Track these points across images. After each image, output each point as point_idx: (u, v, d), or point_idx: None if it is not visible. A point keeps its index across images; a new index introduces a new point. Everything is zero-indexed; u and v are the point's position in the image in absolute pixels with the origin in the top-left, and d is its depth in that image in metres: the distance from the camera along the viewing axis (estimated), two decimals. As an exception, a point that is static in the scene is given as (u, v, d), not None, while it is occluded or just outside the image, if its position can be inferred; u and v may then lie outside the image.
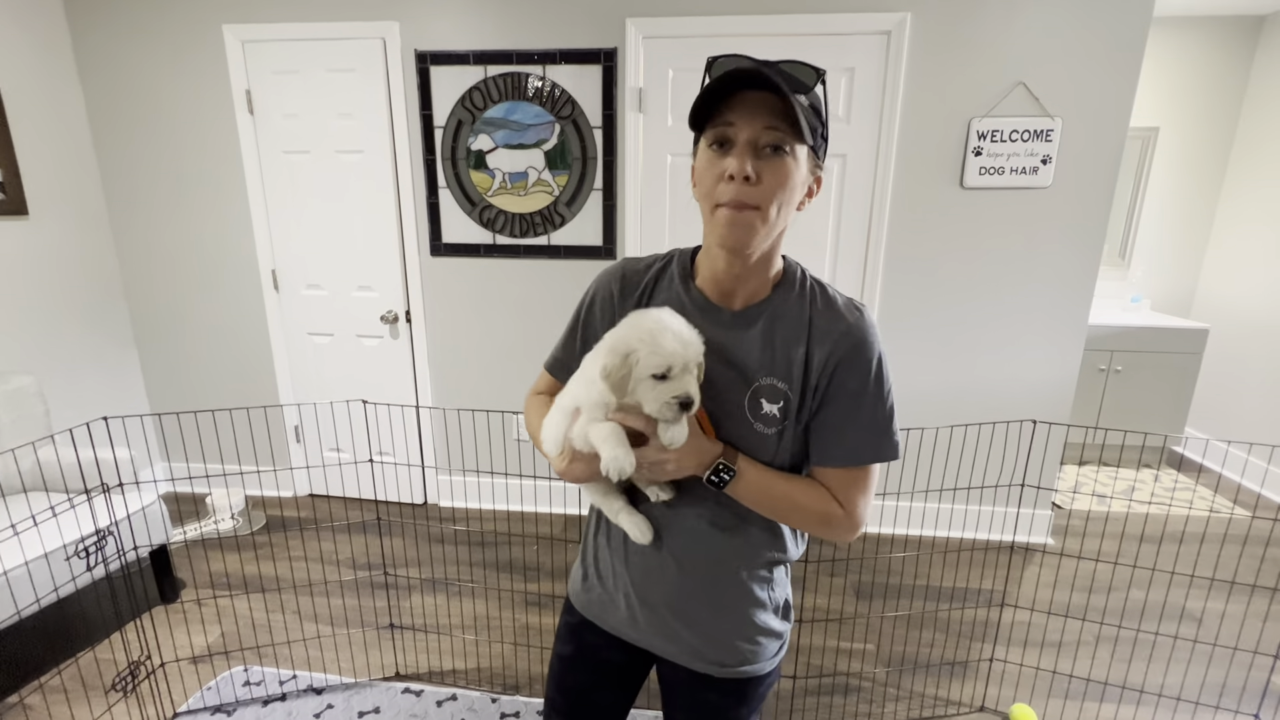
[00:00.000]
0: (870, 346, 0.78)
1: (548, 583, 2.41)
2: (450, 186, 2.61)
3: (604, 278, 0.90)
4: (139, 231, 2.82)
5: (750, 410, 0.79)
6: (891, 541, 2.69)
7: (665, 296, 0.85)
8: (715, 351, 0.79)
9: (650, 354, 0.72)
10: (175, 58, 2.59)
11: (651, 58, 2.41)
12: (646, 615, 0.89)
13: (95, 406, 2.76)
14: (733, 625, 0.87)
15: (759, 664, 0.89)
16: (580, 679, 0.99)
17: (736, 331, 0.80)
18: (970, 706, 1.83)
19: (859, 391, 0.78)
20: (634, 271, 0.88)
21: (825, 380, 0.78)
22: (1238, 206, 3.40)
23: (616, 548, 0.91)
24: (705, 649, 0.88)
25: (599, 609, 0.95)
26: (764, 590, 0.88)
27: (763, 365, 0.79)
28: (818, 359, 0.78)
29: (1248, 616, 2.13)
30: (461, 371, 2.83)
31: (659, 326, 0.73)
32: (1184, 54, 3.32)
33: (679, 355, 0.72)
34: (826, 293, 0.81)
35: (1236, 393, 3.36)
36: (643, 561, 0.88)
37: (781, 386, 0.78)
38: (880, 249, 2.48)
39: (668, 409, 0.72)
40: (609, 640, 0.95)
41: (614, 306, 0.87)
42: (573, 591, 1.00)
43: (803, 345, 0.78)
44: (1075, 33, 2.23)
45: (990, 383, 2.57)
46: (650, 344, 0.72)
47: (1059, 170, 2.35)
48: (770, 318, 0.80)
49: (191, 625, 2.10)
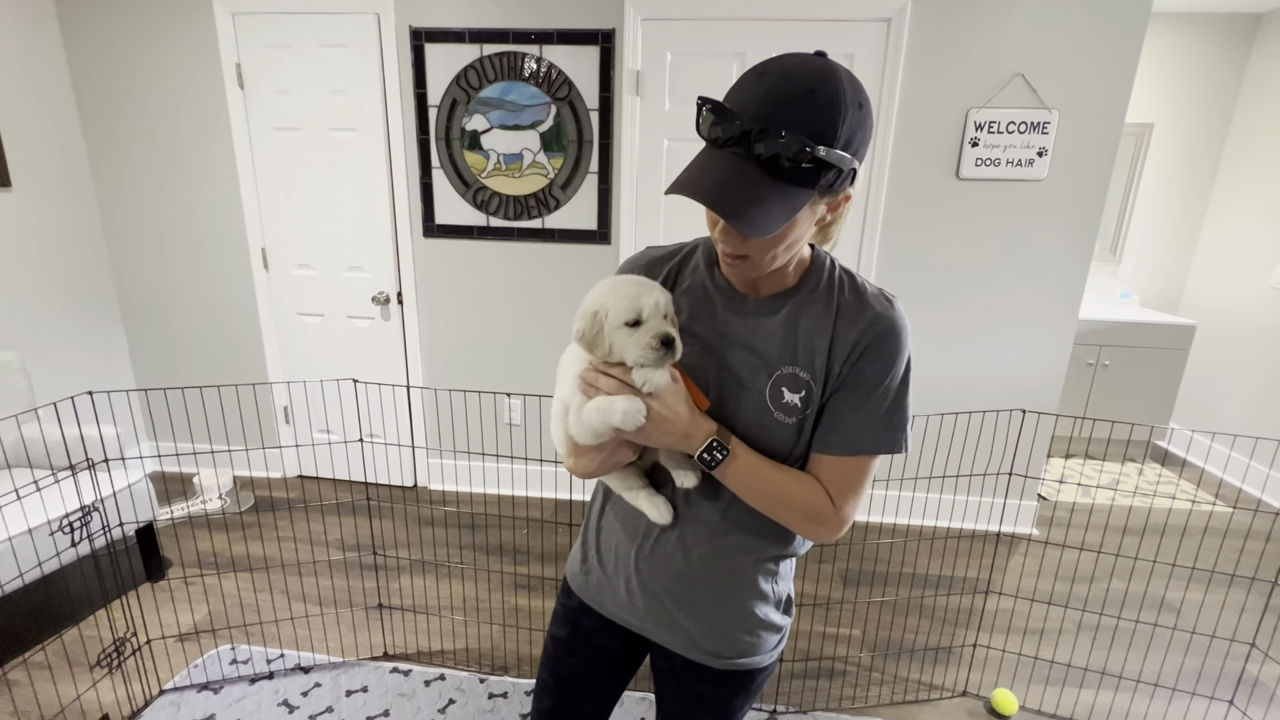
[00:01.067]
0: (897, 339, 0.75)
1: (537, 566, 2.41)
2: (444, 167, 2.58)
3: (627, 266, 0.89)
4: (126, 206, 2.77)
5: (772, 399, 0.77)
6: (880, 529, 2.72)
7: (690, 282, 0.84)
8: (738, 339, 0.78)
9: (617, 302, 0.74)
10: (164, 29, 2.53)
11: (650, 40, 2.38)
12: (646, 601, 0.88)
13: (80, 384, 2.73)
14: (734, 617, 0.86)
15: (757, 656, 0.88)
16: (573, 663, 0.98)
17: (760, 319, 0.79)
18: (953, 691, 1.86)
19: (875, 382, 0.75)
20: (657, 259, 0.87)
21: (848, 368, 0.75)
22: (1228, 206, 3.42)
23: (623, 531, 0.89)
24: (704, 639, 0.87)
25: (597, 593, 0.93)
26: (768, 583, 0.87)
27: (785, 353, 0.77)
28: (842, 346, 0.75)
29: (1225, 606, 2.17)
30: (453, 354, 2.81)
31: (619, 279, 0.77)
32: (1180, 50, 3.33)
33: (646, 298, 0.74)
34: (855, 282, 0.79)
35: (1221, 389, 3.40)
36: (650, 547, 0.87)
37: (804, 376, 0.76)
38: (875, 236, 2.48)
39: (650, 351, 0.73)
40: (605, 626, 0.94)
41: None
42: (570, 574, 0.99)
43: (828, 334, 0.76)
44: (1074, 25, 2.22)
45: (980, 374, 2.59)
46: (614, 294, 0.75)
47: (1055, 163, 2.35)
48: (796, 306, 0.78)
49: (178, 603, 2.09)
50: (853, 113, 0.64)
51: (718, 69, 2.35)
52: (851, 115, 0.64)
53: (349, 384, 2.59)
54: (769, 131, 0.62)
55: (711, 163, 0.66)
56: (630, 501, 0.87)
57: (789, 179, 0.64)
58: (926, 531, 2.68)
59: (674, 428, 0.75)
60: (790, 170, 0.63)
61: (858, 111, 0.64)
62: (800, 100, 0.62)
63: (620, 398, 0.74)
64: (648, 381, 0.74)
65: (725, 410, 0.79)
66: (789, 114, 0.62)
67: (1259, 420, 3.16)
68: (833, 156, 0.63)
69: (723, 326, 0.80)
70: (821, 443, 0.78)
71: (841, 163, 0.64)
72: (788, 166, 0.63)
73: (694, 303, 0.82)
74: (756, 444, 0.78)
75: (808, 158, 0.62)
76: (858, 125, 0.65)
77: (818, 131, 0.62)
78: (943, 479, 2.11)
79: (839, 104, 0.63)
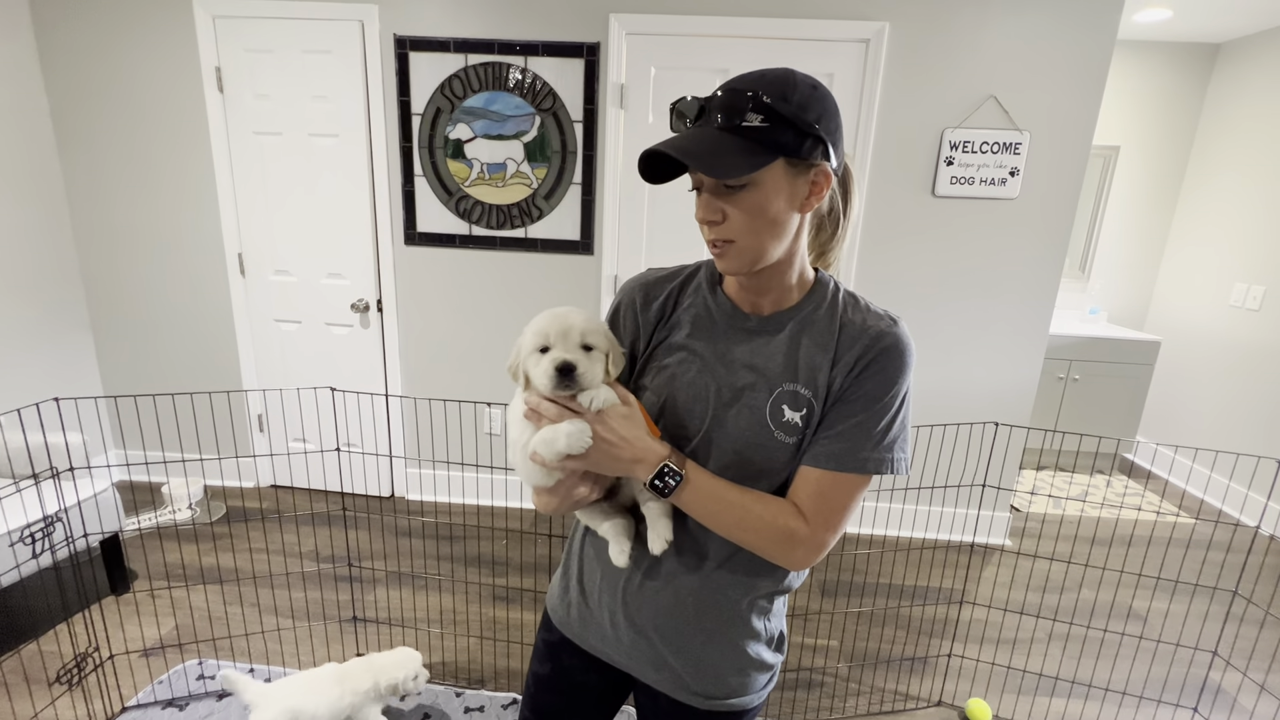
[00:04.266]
0: (901, 356, 0.73)
1: (516, 577, 2.39)
2: (426, 175, 2.57)
3: (628, 287, 0.88)
4: (98, 208, 2.71)
5: (772, 417, 0.75)
6: (856, 540, 2.75)
7: (691, 302, 0.83)
8: (739, 357, 0.78)
9: (528, 331, 0.78)
10: (142, 31, 2.50)
11: (634, 54, 2.41)
12: (633, 638, 0.84)
13: (44, 389, 2.65)
14: (724, 656, 0.83)
15: (746, 697, 0.85)
16: (554, 700, 0.95)
17: (763, 337, 0.78)
18: (929, 701, 1.88)
19: (874, 397, 0.73)
20: (657, 281, 0.86)
21: (849, 381, 0.74)
22: (1190, 226, 3.56)
23: (608, 563, 0.84)
24: (692, 680, 0.83)
25: (579, 626, 0.90)
26: (760, 620, 0.84)
27: (787, 371, 0.76)
28: (845, 362, 0.74)
29: (1189, 616, 2.23)
30: (433, 363, 2.79)
31: (552, 310, 0.78)
32: (1145, 77, 3.46)
33: (554, 326, 0.75)
34: (860, 302, 0.79)
35: (1184, 404, 3.51)
36: (639, 580, 0.83)
37: (805, 393, 0.75)
38: (855, 249, 2.53)
39: (547, 378, 0.74)
40: (587, 662, 0.91)
41: (636, 316, 0.85)
42: (551, 606, 0.95)
43: (830, 351, 0.75)
44: (1044, 51, 2.30)
45: (954, 387, 2.64)
46: (534, 324, 0.78)
47: (1026, 183, 2.42)
48: (799, 324, 0.78)
49: (144, 617, 2.03)
50: (806, 89, 0.69)
51: (701, 84, 2.39)
52: (805, 88, 0.68)
53: (326, 392, 2.55)
54: (723, 94, 0.68)
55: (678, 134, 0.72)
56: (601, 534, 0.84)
57: (749, 136, 0.67)
58: (903, 542, 2.71)
59: (621, 452, 0.73)
60: (750, 130, 0.67)
61: (812, 90, 0.69)
62: (753, 76, 0.70)
63: (565, 423, 0.72)
64: (594, 400, 0.73)
65: (723, 429, 0.77)
66: (742, 84, 0.69)
67: (1220, 433, 3.26)
68: (786, 110, 0.67)
69: (724, 345, 0.79)
70: (810, 454, 0.75)
71: (798, 121, 0.67)
72: (745, 127, 0.67)
73: (695, 320, 0.82)
74: (752, 464, 0.76)
75: (763, 109, 0.66)
76: (815, 102, 0.69)
77: (771, 94, 0.67)
78: (919, 490, 2.15)
79: (791, 78, 0.69)
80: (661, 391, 0.80)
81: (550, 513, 0.82)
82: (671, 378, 0.80)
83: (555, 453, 0.72)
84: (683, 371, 0.80)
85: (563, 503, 0.79)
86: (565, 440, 0.71)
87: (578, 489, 0.78)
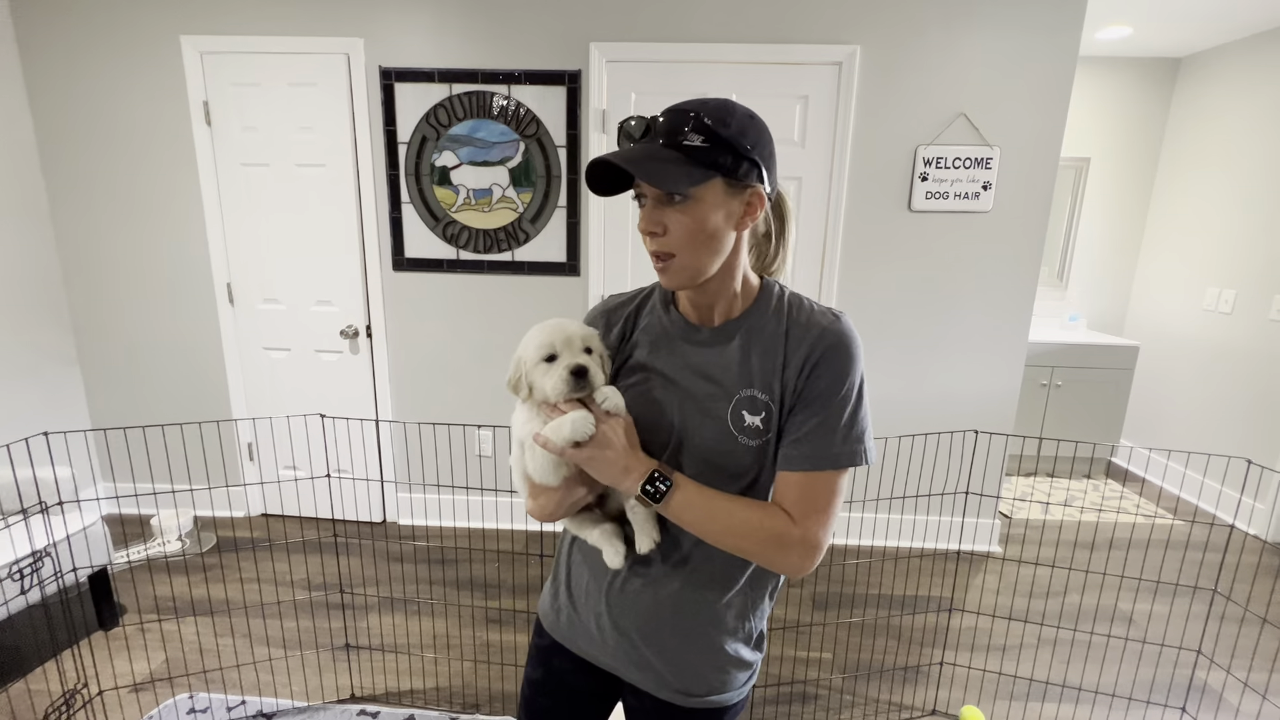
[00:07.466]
0: (848, 350, 0.78)
1: (509, 599, 2.39)
2: (413, 202, 2.61)
3: (590, 317, 0.93)
4: (86, 240, 2.72)
5: (734, 423, 0.79)
6: (845, 551, 2.77)
7: (648, 322, 0.88)
8: (696, 368, 0.82)
9: (529, 344, 0.81)
10: (130, 66, 2.54)
11: (615, 81, 2.48)
12: (616, 639, 0.88)
13: (30, 423, 2.63)
14: (702, 654, 0.86)
15: (726, 694, 0.88)
16: (548, 704, 0.98)
17: (716, 347, 0.82)
18: (923, 710, 1.89)
19: (829, 394, 0.77)
20: (615, 307, 0.92)
21: (802, 383, 0.78)
22: (1162, 233, 3.65)
23: (593, 568, 0.89)
24: (672, 677, 0.87)
25: (568, 630, 0.93)
26: (737, 620, 0.87)
27: (742, 378, 0.80)
28: (795, 364, 0.78)
29: (1175, 616, 2.26)
30: (423, 388, 2.81)
31: (542, 324, 0.82)
32: (1111, 91, 3.57)
33: (556, 335, 0.80)
34: (803, 303, 0.83)
35: (1164, 406, 3.58)
36: (620, 584, 0.87)
37: (762, 398, 0.79)
38: (835, 267, 2.58)
39: (563, 383, 0.78)
40: (577, 664, 0.94)
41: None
42: (542, 612, 0.99)
43: (780, 355, 0.79)
44: (1008, 70, 2.39)
45: (938, 397, 2.68)
46: (532, 338, 0.82)
47: (999, 196, 2.49)
48: (748, 332, 0.82)
49: (133, 651, 2.01)
50: (744, 117, 0.74)
51: (680, 108, 2.45)
52: (743, 117, 0.74)
53: (316, 419, 2.56)
54: (667, 115, 0.74)
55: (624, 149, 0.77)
56: (591, 542, 0.88)
57: (690, 154, 0.72)
58: (891, 552, 2.73)
59: (615, 458, 0.77)
60: (691, 149, 0.72)
61: (749, 119, 0.75)
62: (696, 102, 0.75)
63: (571, 413, 0.77)
64: (606, 399, 0.79)
65: (691, 439, 0.81)
66: (685, 107, 0.74)
67: (1199, 434, 3.32)
68: (725, 133, 0.72)
69: (681, 358, 0.84)
70: (784, 459, 0.79)
71: (736, 144, 0.73)
72: (687, 145, 0.72)
73: (653, 339, 0.87)
74: (723, 470, 0.80)
75: (704, 130, 0.72)
76: (751, 129, 0.74)
77: (712, 118, 0.72)
78: (903, 499, 2.18)
79: (730, 106, 0.74)
80: (629, 410, 0.84)
81: (546, 518, 0.85)
82: (636, 396, 0.84)
83: (563, 438, 0.76)
84: (647, 389, 0.84)
85: (562, 502, 0.84)
86: (571, 427, 0.76)
87: (577, 489, 0.83)
